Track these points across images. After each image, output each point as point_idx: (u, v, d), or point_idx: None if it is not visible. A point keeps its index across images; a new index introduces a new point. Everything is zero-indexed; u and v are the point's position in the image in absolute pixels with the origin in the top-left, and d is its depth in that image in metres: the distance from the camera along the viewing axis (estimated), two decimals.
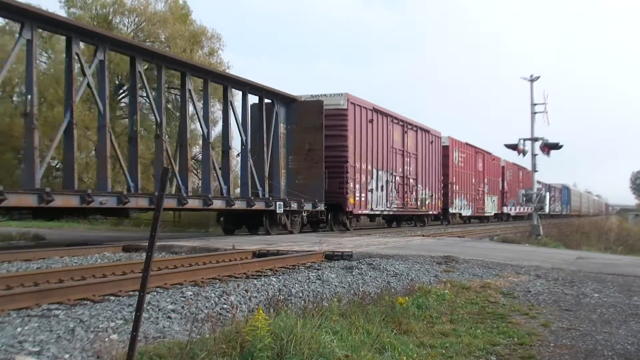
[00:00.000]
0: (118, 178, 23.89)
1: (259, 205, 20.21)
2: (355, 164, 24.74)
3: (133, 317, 4.18)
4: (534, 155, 24.99)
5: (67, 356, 4.66)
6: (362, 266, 10.74)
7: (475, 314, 7.37)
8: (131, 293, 7.73)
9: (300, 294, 7.95)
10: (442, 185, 35.53)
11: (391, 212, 29.10)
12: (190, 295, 7.36)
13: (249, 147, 21.15)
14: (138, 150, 17.74)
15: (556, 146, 25.06)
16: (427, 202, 33.11)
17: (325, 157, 22.82)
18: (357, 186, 24.84)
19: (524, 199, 25.82)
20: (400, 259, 11.92)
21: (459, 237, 22.97)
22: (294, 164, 23.13)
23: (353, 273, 10.11)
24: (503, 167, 48.79)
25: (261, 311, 4.68)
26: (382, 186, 27.36)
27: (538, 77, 25.10)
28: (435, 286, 9.01)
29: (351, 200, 24.36)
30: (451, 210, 37.25)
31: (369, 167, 26.13)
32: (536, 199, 24.95)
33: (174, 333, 5.67)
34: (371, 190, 26.18)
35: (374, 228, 30.06)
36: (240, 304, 7.11)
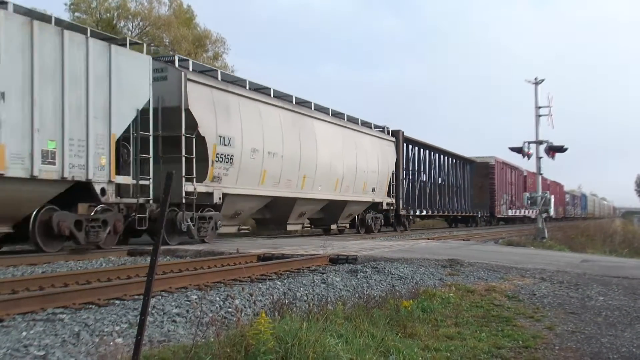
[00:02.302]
0: None
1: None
2: (499, 190, 47.43)
3: (138, 320, 4.19)
4: (538, 158, 25.00)
5: None
6: (367, 270, 10.73)
7: (480, 317, 7.36)
8: (136, 297, 7.73)
9: (305, 298, 7.94)
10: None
11: (507, 215, 49.74)
12: (195, 299, 7.36)
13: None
14: None
15: (561, 149, 25.05)
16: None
17: (484, 188, 45.95)
18: (502, 201, 48.18)
19: (529, 202, 25.79)
20: (405, 262, 11.91)
21: (464, 240, 22.94)
22: (474, 192, 44.96)
23: (358, 276, 10.10)
24: (525, 176, 55.07)
25: (264, 315, 4.68)
26: (506, 201, 49.25)
27: (542, 80, 25.13)
28: (440, 289, 9.00)
29: (497, 209, 47.20)
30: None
31: (503, 193, 48.70)
32: (541, 202, 24.92)
33: (178, 337, 5.68)
34: (505, 204, 48.39)
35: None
36: (244, 307, 7.11)
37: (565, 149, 25.15)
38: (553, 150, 24.80)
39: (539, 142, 24.85)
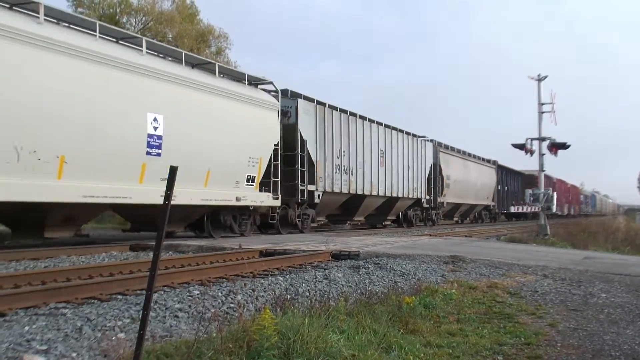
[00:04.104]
0: None
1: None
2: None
3: (140, 315, 4.19)
4: (541, 155, 24.92)
5: (74, 355, 4.68)
6: (369, 266, 10.73)
7: (482, 313, 7.36)
8: (138, 292, 7.75)
9: (307, 293, 7.95)
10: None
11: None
12: (197, 294, 7.37)
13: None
14: None
15: (564, 146, 24.98)
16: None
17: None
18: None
19: (531, 198, 25.75)
20: (407, 259, 11.91)
21: (466, 236, 22.92)
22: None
23: (360, 272, 10.10)
24: (555, 182, 62.07)
25: (268, 310, 4.69)
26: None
27: (545, 77, 25.02)
28: (442, 286, 9.00)
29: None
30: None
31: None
32: (543, 199, 24.88)
33: (181, 332, 5.68)
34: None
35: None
36: (247, 303, 7.12)
37: (568, 146, 25.08)
38: (555, 147, 24.73)
39: (541, 139, 24.78)
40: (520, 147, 25.05)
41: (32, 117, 11.95)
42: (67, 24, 13.72)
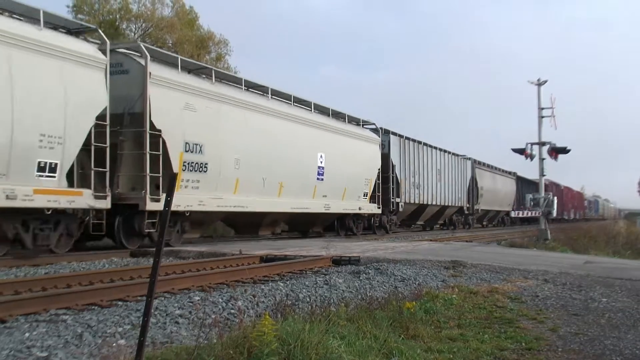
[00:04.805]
0: None
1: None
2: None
3: (141, 322, 4.19)
4: (541, 160, 24.93)
5: None
6: (370, 271, 10.72)
7: (483, 318, 7.35)
8: (139, 298, 7.74)
9: (308, 299, 7.95)
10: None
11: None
12: (198, 300, 7.37)
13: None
14: None
15: (564, 150, 24.98)
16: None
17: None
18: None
19: (532, 203, 25.74)
20: (408, 264, 11.90)
21: (466, 241, 22.91)
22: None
23: (360, 278, 10.09)
24: (562, 189, 66.79)
25: (268, 316, 4.68)
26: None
27: (545, 81, 25.04)
28: (443, 291, 9.00)
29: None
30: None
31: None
32: (544, 203, 24.87)
33: (181, 338, 5.68)
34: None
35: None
36: (247, 309, 7.12)
37: (568, 150, 25.08)
38: (556, 151, 24.73)
39: (541, 144, 24.79)
40: (520, 151, 25.06)
41: (273, 159, 19.19)
42: (288, 102, 21.27)
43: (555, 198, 26.76)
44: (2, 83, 11.52)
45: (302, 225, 24.31)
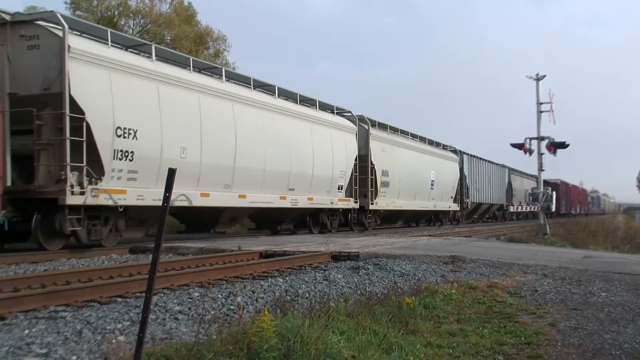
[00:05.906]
0: None
1: None
2: (561, 199, 62.20)
3: (140, 318, 4.19)
4: (540, 155, 24.93)
5: (74, 358, 4.67)
6: (369, 266, 10.73)
7: (483, 313, 7.35)
8: (138, 294, 7.73)
9: (307, 295, 7.95)
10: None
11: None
12: (197, 296, 7.37)
13: None
14: None
15: (562, 145, 24.99)
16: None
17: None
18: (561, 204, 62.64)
19: (530, 198, 25.75)
20: (407, 259, 11.90)
21: (465, 236, 22.93)
22: None
23: (360, 273, 10.10)
24: (570, 188, 74.88)
25: (267, 312, 4.68)
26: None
27: (544, 76, 25.03)
28: (442, 286, 9.00)
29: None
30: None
31: (562, 199, 63.71)
32: (542, 198, 24.88)
33: (181, 334, 5.68)
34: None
35: None
36: (247, 304, 7.11)
37: (567, 145, 25.10)
38: (554, 146, 24.74)
39: (540, 138, 24.79)
40: (519, 146, 25.05)
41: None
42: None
43: (555, 193, 26.80)
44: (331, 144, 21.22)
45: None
